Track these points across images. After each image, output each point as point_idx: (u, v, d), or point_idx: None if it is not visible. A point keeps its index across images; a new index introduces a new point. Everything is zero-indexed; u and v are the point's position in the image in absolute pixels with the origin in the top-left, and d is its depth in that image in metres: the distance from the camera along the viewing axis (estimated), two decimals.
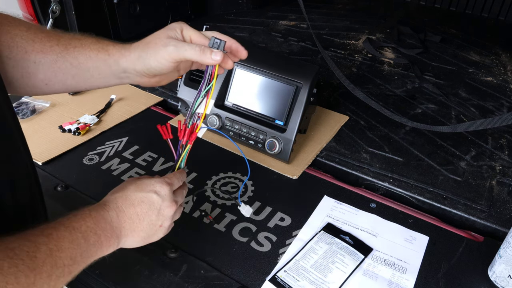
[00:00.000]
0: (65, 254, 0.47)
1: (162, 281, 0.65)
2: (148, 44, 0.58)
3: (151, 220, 0.56)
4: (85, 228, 0.50)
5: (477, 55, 1.48)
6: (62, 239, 0.47)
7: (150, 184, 0.57)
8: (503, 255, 0.65)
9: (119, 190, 0.57)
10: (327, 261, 0.69)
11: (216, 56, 0.55)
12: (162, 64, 0.57)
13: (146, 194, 0.56)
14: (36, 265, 0.43)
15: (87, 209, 0.53)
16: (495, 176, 0.91)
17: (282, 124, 0.90)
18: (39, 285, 0.43)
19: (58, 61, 0.58)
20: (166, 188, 0.57)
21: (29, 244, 0.44)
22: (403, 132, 1.04)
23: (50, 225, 0.48)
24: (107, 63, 0.59)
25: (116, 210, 0.55)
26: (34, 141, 0.93)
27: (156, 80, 0.62)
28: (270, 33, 1.58)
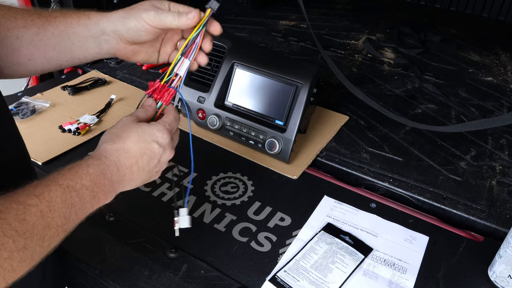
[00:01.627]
0: (57, 214, 0.45)
1: (162, 281, 0.65)
2: (131, 8, 0.59)
3: (150, 168, 0.56)
4: (80, 186, 0.48)
5: (477, 55, 1.48)
6: (55, 199, 0.46)
7: (151, 133, 0.56)
8: (503, 255, 0.65)
9: (119, 139, 0.55)
10: (327, 261, 0.69)
11: (191, 15, 0.56)
12: (142, 26, 0.57)
13: (148, 144, 0.55)
14: (26, 228, 0.42)
15: (84, 163, 0.51)
16: (495, 176, 0.91)
17: (282, 124, 0.90)
18: (31, 247, 0.42)
19: (40, 33, 0.58)
20: (167, 137, 0.56)
21: (17, 207, 0.42)
22: (403, 132, 1.04)
23: (42, 183, 0.46)
24: (87, 27, 0.59)
25: (117, 164, 0.53)
26: (34, 141, 0.93)
27: (133, 49, 0.62)
28: (270, 33, 1.58)
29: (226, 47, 0.96)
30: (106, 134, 0.56)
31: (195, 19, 0.57)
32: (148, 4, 0.58)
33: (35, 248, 0.42)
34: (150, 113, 0.59)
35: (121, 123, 0.56)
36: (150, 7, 0.58)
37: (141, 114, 0.58)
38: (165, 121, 0.58)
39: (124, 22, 0.58)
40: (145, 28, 0.57)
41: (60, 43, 0.60)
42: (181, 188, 0.64)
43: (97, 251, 0.69)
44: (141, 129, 0.55)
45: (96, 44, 0.61)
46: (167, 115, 0.59)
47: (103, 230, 0.73)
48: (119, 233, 0.73)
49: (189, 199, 0.81)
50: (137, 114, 0.58)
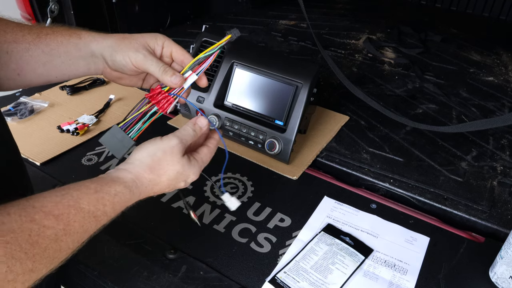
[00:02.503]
0: (72, 238, 0.44)
1: (161, 282, 0.65)
2: (123, 39, 0.59)
3: (170, 189, 0.58)
4: (101, 213, 0.48)
5: (478, 55, 1.48)
6: (73, 223, 0.44)
7: (187, 175, 0.56)
8: (504, 256, 0.64)
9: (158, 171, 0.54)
10: (327, 262, 0.69)
11: (175, 79, 0.57)
12: (127, 63, 0.58)
13: (177, 182, 0.56)
14: (36, 251, 0.40)
15: (113, 190, 0.50)
16: (496, 177, 0.90)
17: (282, 124, 0.90)
18: (38, 270, 0.41)
19: (30, 49, 0.58)
20: (195, 177, 0.57)
21: (31, 227, 0.40)
22: (404, 132, 1.04)
23: (64, 201, 0.45)
24: (77, 47, 0.59)
25: (142, 193, 0.53)
26: (32, 142, 0.92)
27: (117, 75, 0.62)
28: (270, 32, 1.58)
29: (226, 47, 0.96)
30: (149, 153, 0.54)
31: (176, 84, 0.57)
32: (140, 43, 0.58)
33: (42, 270, 0.42)
34: (197, 137, 0.59)
35: (168, 147, 0.54)
36: (140, 47, 0.58)
37: (189, 139, 0.57)
38: (202, 162, 0.58)
39: (111, 54, 0.58)
40: (129, 66, 0.58)
41: (50, 61, 0.60)
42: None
43: (96, 252, 0.69)
44: (182, 169, 0.55)
45: (85, 64, 0.61)
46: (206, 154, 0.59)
47: (101, 230, 0.72)
48: (118, 234, 0.72)
49: (188, 200, 0.80)
50: (186, 140, 0.56)
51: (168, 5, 1.51)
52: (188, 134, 0.57)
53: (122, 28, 1.36)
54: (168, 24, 1.53)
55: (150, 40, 0.59)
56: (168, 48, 0.60)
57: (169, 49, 0.60)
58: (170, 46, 0.60)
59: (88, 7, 1.23)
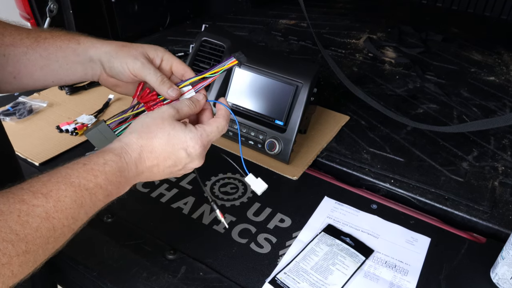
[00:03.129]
0: (65, 214, 0.43)
1: (160, 283, 0.64)
2: (123, 47, 0.58)
3: (172, 171, 0.53)
4: (93, 185, 0.45)
5: (479, 55, 1.47)
6: (63, 198, 0.43)
7: (183, 140, 0.52)
8: (506, 256, 0.64)
9: (148, 134, 0.51)
10: (328, 262, 0.68)
11: (172, 92, 0.56)
12: (124, 70, 0.57)
13: (175, 151, 0.52)
14: (28, 231, 0.39)
15: (101, 159, 0.47)
16: (498, 177, 0.90)
17: (282, 124, 0.89)
18: (33, 251, 0.40)
19: (28, 53, 0.58)
20: (198, 148, 0.52)
21: (20, 207, 0.39)
22: (405, 132, 1.04)
23: (52, 179, 0.43)
24: (76, 52, 0.59)
25: (137, 162, 0.50)
26: (31, 142, 0.92)
27: (114, 82, 0.62)
28: (270, 32, 1.57)
29: (226, 46, 0.96)
30: (138, 122, 0.52)
31: (173, 98, 0.56)
32: (139, 51, 0.58)
33: (38, 251, 0.40)
34: (194, 109, 0.56)
35: (158, 113, 0.52)
36: (139, 56, 0.57)
37: (184, 108, 0.54)
38: (203, 130, 0.54)
39: (109, 60, 0.58)
40: (127, 74, 0.58)
41: (48, 65, 0.59)
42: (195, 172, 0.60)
43: (95, 252, 0.69)
44: (173, 131, 0.52)
45: (83, 69, 0.61)
46: (210, 123, 0.55)
47: (101, 231, 0.73)
48: (117, 234, 0.72)
49: (187, 201, 0.80)
50: (180, 107, 0.54)
51: (168, 5, 1.51)
52: (183, 103, 0.55)
53: (122, 28, 1.36)
54: (167, 23, 1.53)
55: (149, 50, 0.59)
56: (168, 61, 0.60)
57: (169, 63, 0.60)
58: (170, 59, 0.60)
59: (87, 7, 1.23)
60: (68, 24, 1.19)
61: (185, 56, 1.29)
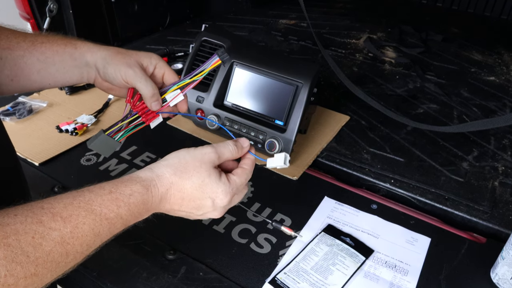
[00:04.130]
0: (80, 241, 0.42)
1: (160, 283, 0.64)
2: (117, 53, 0.60)
3: (189, 214, 0.53)
4: (114, 216, 0.45)
5: (479, 55, 1.47)
6: (82, 226, 0.42)
7: (215, 191, 0.52)
8: (506, 256, 0.64)
9: (182, 174, 0.51)
10: (328, 263, 0.68)
11: (154, 106, 0.59)
12: (117, 77, 0.59)
13: (203, 198, 0.52)
14: (39, 254, 0.38)
15: (128, 190, 0.47)
16: (498, 177, 0.90)
17: (282, 124, 0.89)
18: (42, 274, 0.39)
19: (25, 56, 0.58)
20: (226, 202, 0.53)
21: (36, 228, 0.38)
22: (405, 132, 1.03)
23: (74, 203, 0.42)
24: (73, 56, 0.60)
25: (163, 197, 0.50)
26: (31, 142, 0.92)
27: (108, 86, 0.63)
28: (270, 32, 1.57)
29: (225, 46, 0.96)
30: (176, 157, 0.52)
31: (154, 110, 0.59)
32: (134, 59, 0.59)
33: (46, 274, 0.40)
34: (236, 155, 0.56)
35: (200, 154, 0.52)
36: (133, 64, 0.59)
37: (226, 154, 0.54)
38: (235, 183, 0.54)
39: (104, 65, 0.59)
40: (119, 80, 0.59)
41: (45, 69, 0.60)
42: None
43: (95, 253, 0.68)
44: (208, 179, 0.51)
45: (79, 73, 0.62)
46: (241, 176, 0.55)
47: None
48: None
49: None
50: (222, 152, 0.54)
51: (168, 5, 1.51)
52: (226, 147, 0.55)
53: (121, 28, 1.36)
54: (167, 23, 1.53)
55: (144, 58, 0.60)
56: (160, 69, 0.61)
57: (161, 71, 0.61)
58: (163, 68, 0.61)
59: (87, 7, 1.23)
60: (68, 24, 1.19)
61: (185, 56, 1.28)
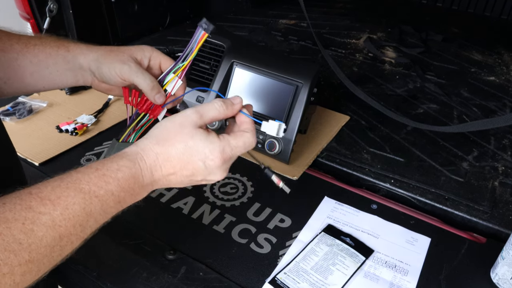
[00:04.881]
0: (72, 222, 0.41)
1: (160, 283, 0.64)
2: (110, 52, 0.59)
3: (191, 181, 0.50)
4: (104, 192, 0.43)
5: (479, 55, 1.47)
6: (72, 206, 0.41)
7: (201, 151, 0.48)
8: (506, 256, 0.64)
9: (165, 142, 0.48)
10: (328, 263, 0.68)
11: (158, 99, 0.57)
12: (113, 75, 0.58)
13: (193, 161, 0.48)
14: (32, 240, 0.37)
15: (115, 165, 0.45)
16: (498, 177, 0.90)
17: None
18: (37, 260, 0.38)
19: (18, 59, 0.58)
20: (218, 161, 0.49)
21: (26, 215, 0.38)
22: (405, 132, 1.03)
23: (62, 184, 0.41)
24: (66, 59, 0.59)
25: (152, 169, 0.48)
26: (31, 142, 0.92)
27: (106, 87, 0.62)
28: (270, 32, 1.57)
29: (226, 46, 0.96)
30: (158, 126, 0.50)
31: (159, 103, 0.58)
32: (127, 55, 0.58)
33: (42, 260, 0.39)
34: (224, 113, 0.51)
35: (180, 118, 0.49)
36: (127, 60, 0.58)
37: (210, 112, 0.50)
38: (227, 144, 0.50)
39: (98, 66, 0.58)
40: (116, 78, 0.58)
41: (38, 71, 0.59)
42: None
43: (95, 253, 0.69)
44: (192, 141, 0.48)
45: (73, 76, 0.61)
46: (237, 137, 0.51)
47: (100, 231, 0.72)
48: (117, 234, 0.72)
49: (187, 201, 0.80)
50: (205, 111, 0.50)
51: (168, 5, 1.51)
52: (211, 105, 0.50)
53: (121, 28, 1.36)
54: (167, 23, 1.53)
55: (137, 52, 0.59)
56: (156, 59, 0.60)
57: (157, 61, 0.60)
58: (158, 57, 0.60)
59: (87, 7, 1.23)
60: (68, 24, 1.19)
61: None
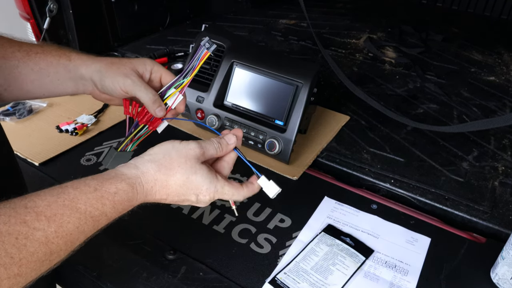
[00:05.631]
0: (65, 240, 0.41)
1: (160, 283, 0.64)
2: (112, 64, 0.59)
3: (176, 202, 0.54)
4: (99, 214, 0.45)
5: (479, 55, 1.47)
6: (66, 225, 0.41)
7: (199, 188, 0.52)
8: (506, 256, 0.64)
9: (167, 171, 0.50)
10: (328, 263, 0.68)
11: (159, 112, 0.58)
12: (115, 88, 0.58)
13: (188, 194, 0.52)
14: (23, 255, 0.38)
15: (113, 187, 0.46)
16: (498, 177, 0.90)
17: (282, 124, 0.89)
18: (26, 273, 0.39)
19: (20, 66, 0.58)
20: (208, 199, 0.53)
21: (20, 229, 0.38)
22: (405, 132, 1.03)
23: (59, 201, 0.42)
24: (67, 68, 0.60)
25: (147, 193, 0.50)
26: (31, 142, 0.92)
27: (106, 97, 0.63)
28: (270, 32, 1.57)
29: (226, 46, 0.96)
30: (161, 152, 0.51)
31: (160, 117, 0.59)
32: (129, 68, 0.59)
33: (30, 273, 0.39)
34: (220, 153, 0.55)
35: (184, 150, 0.51)
36: (130, 72, 0.58)
37: (211, 151, 0.54)
38: (222, 188, 0.53)
39: (100, 78, 0.59)
40: (118, 91, 0.59)
41: (38, 79, 0.60)
42: None
43: (95, 253, 0.69)
44: (194, 176, 0.51)
45: (74, 85, 0.62)
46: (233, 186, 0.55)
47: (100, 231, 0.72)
48: (117, 234, 0.72)
49: None
50: (207, 148, 0.53)
51: (168, 5, 1.51)
52: (211, 144, 0.54)
53: (121, 28, 1.36)
54: (167, 23, 1.53)
55: (138, 65, 0.60)
56: (157, 73, 0.61)
57: (158, 74, 0.61)
58: (159, 71, 0.61)
59: (87, 7, 1.23)
60: (68, 24, 1.19)
61: (185, 56, 1.28)
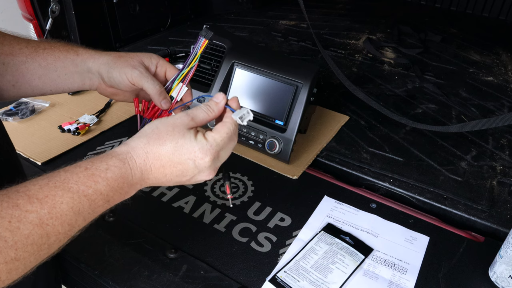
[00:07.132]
0: (60, 221, 0.41)
1: (161, 282, 0.65)
2: (119, 57, 0.61)
3: (180, 181, 0.51)
4: (93, 192, 0.43)
5: (477, 55, 1.48)
6: (59, 205, 0.41)
7: (191, 150, 0.49)
8: (504, 255, 0.64)
9: (156, 141, 0.49)
10: (327, 261, 0.69)
11: (164, 104, 0.60)
12: (123, 79, 0.59)
13: (182, 161, 0.49)
14: (18, 238, 0.37)
15: (104, 164, 0.45)
16: (496, 176, 0.90)
17: (282, 124, 0.90)
18: (23, 258, 0.38)
19: (27, 62, 0.59)
20: (208, 160, 0.49)
21: (12, 213, 0.38)
22: (404, 132, 1.04)
23: (50, 183, 0.41)
24: (74, 62, 0.61)
25: (142, 168, 0.48)
26: (33, 141, 0.92)
27: (112, 91, 0.64)
28: (270, 32, 1.58)
29: (226, 47, 0.96)
30: (150, 126, 0.50)
31: (165, 109, 0.61)
32: (136, 60, 0.60)
33: (28, 258, 0.39)
34: (212, 114, 0.53)
35: (171, 120, 0.50)
36: (137, 64, 0.60)
37: (200, 115, 0.52)
38: (214, 141, 0.50)
39: (108, 70, 0.60)
40: (125, 83, 0.60)
41: (46, 74, 0.61)
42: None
43: (97, 251, 0.69)
44: (182, 140, 0.49)
45: (80, 79, 0.63)
46: (220, 131, 0.51)
47: (102, 230, 0.73)
48: (119, 233, 0.73)
49: (188, 200, 0.81)
50: (195, 114, 0.51)
51: (169, 5, 1.51)
52: (198, 109, 0.52)
53: (123, 28, 1.36)
54: (168, 24, 1.54)
55: (145, 58, 0.62)
56: (162, 67, 0.63)
57: (163, 69, 0.63)
58: (164, 66, 0.63)
59: (89, 8, 1.23)
60: (70, 25, 1.19)
61: (185, 57, 1.29)
